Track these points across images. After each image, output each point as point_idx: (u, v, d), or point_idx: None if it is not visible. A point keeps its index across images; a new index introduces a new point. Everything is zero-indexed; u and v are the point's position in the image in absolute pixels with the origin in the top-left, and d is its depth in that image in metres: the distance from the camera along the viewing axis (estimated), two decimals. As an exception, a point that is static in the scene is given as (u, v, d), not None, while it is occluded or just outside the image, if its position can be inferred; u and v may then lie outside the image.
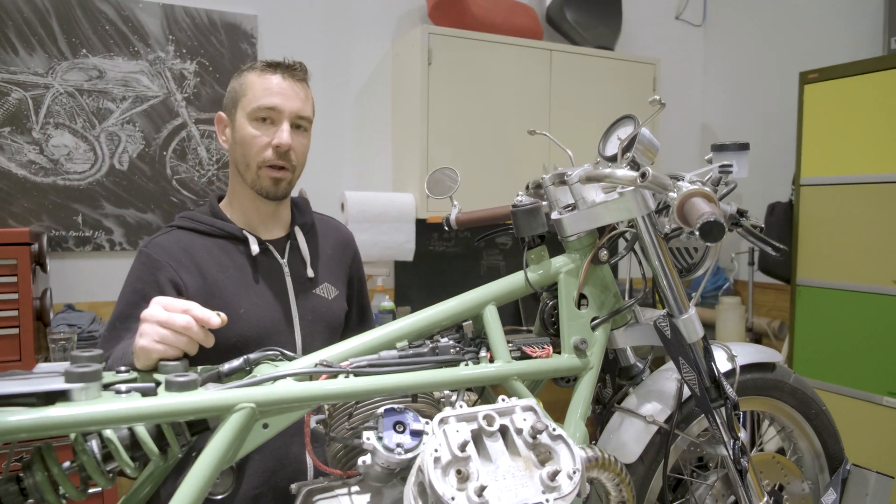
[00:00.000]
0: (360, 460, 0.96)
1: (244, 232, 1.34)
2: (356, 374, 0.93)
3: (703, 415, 1.22)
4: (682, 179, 1.03)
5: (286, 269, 1.37)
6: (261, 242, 1.35)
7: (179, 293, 1.26)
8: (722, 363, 1.21)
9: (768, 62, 3.56)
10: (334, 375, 0.92)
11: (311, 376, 0.92)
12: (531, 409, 0.93)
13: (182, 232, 1.34)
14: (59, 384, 0.79)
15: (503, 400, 0.94)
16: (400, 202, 2.90)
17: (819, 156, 2.80)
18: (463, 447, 0.85)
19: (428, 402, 1.06)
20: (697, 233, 0.83)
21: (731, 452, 1.12)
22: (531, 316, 3.32)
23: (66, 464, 0.86)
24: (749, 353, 1.29)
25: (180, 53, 2.70)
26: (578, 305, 1.12)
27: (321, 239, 1.46)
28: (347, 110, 3.06)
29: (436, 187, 1.45)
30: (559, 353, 1.10)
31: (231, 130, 1.35)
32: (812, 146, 2.83)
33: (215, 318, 0.99)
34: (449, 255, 3.33)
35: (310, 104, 1.36)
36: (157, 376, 0.93)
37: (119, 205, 2.63)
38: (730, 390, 1.13)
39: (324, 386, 0.89)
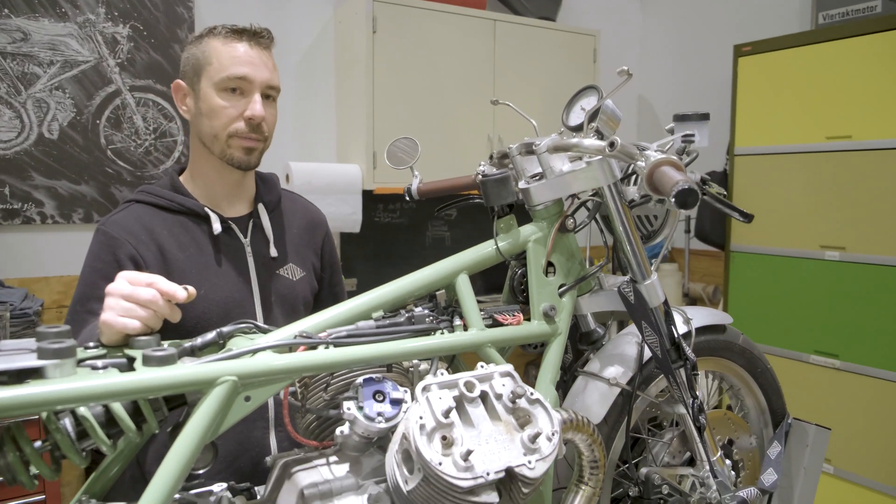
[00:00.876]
0: (338, 430, 0.96)
1: (206, 209, 1.30)
2: (336, 345, 0.93)
3: (660, 376, 1.28)
4: (647, 149, 1.06)
5: (248, 249, 1.33)
6: (223, 221, 1.31)
7: (139, 269, 1.22)
8: (679, 326, 1.27)
9: (704, 35, 3.66)
10: (314, 346, 0.92)
11: (290, 348, 0.91)
12: (509, 374, 0.95)
13: (141, 206, 1.29)
14: (32, 361, 0.76)
15: (482, 366, 0.96)
16: (346, 173, 2.86)
17: (752, 127, 2.92)
18: (447, 413, 0.86)
19: (399, 372, 1.06)
20: (673, 200, 0.86)
21: (691, 411, 1.17)
22: (474, 285, 3.35)
23: (38, 443, 0.83)
24: (703, 316, 1.35)
25: (112, 16, 2.56)
26: (545, 273, 1.14)
27: (288, 218, 1.43)
28: (289, 79, 2.98)
29: (395, 158, 1.44)
30: (528, 319, 1.12)
31: (194, 100, 1.29)
32: (745, 117, 2.94)
33: (181, 292, 0.97)
34: (394, 226, 3.32)
35: (277, 73, 1.32)
36: (128, 352, 0.90)
37: (50, 175, 2.50)
38: (689, 352, 1.18)
39: (305, 357, 0.88)
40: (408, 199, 1.44)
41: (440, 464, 0.82)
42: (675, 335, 1.18)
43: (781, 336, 2.79)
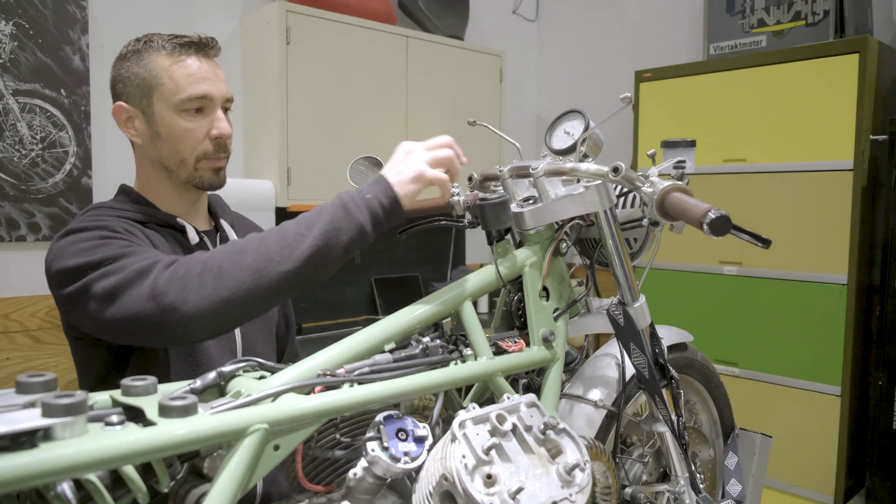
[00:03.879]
0: (350, 473, 0.90)
1: (179, 220, 1.21)
2: (360, 383, 0.86)
3: (637, 394, 1.31)
4: (650, 175, 1.08)
5: None
6: (196, 231, 1.23)
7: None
8: (653, 345, 1.29)
9: (601, 59, 3.83)
10: (338, 385, 0.85)
11: (312, 388, 0.84)
12: (534, 404, 0.93)
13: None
14: (36, 420, 0.64)
15: (508, 398, 0.93)
16: (258, 189, 2.72)
17: (653, 149, 3.08)
18: (488, 451, 0.82)
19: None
20: (707, 228, 0.87)
21: (677, 429, 1.20)
22: (388, 304, 3.30)
23: (29, 514, 0.70)
24: (670, 335, 1.40)
25: (-8, 12, 2.29)
26: (539, 297, 1.13)
27: (246, 235, 1.35)
28: (192, 88, 2.80)
29: (359, 178, 1.38)
30: (527, 345, 1.10)
31: (144, 122, 1.18)
32: (647, 141, 3.11)
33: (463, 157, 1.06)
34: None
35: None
36: (127, 401, 0.79)
37: (-84, 190, 2.19)
38: (673, 371, 1.21)
39: (335, 398, 0.81)
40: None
41: (491, 505, 0.78)
42: (660, 355, 1.21)
43: (684, 347, 2.95)
